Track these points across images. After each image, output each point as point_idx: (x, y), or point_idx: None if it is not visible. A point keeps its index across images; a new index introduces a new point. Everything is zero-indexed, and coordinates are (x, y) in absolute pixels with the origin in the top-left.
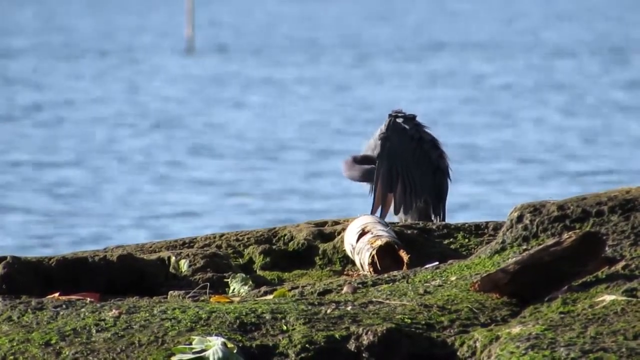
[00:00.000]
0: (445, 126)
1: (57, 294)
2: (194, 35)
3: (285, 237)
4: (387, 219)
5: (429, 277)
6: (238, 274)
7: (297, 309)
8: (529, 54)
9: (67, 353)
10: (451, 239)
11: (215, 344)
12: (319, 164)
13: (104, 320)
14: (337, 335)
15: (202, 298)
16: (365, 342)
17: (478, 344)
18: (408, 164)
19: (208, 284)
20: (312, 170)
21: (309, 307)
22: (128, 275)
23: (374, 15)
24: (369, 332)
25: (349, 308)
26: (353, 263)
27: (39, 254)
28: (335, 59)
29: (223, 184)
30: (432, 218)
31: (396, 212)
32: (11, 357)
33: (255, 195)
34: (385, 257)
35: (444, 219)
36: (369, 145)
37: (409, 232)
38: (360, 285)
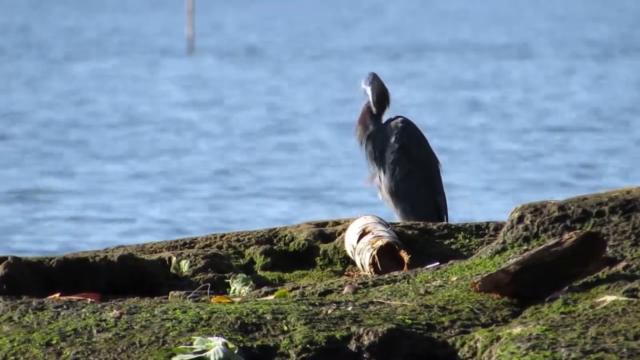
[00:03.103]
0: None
1: (57, 294)
2: (195, 36)
3: (286, 238)
4: (389, 220)
5: (429, 277)
6: (239, 275)
7: (298, 310)
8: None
9: (68, 353)
10: (452, 240)
11: (216, 344)
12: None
13: (104, 320)
14: (338, 336)
15: (203, 298)
16: (366, 343)
17: (479, 345)
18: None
19: (209, 284)
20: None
21: (310, 308)
22: (129, 276)
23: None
24: (370, 333)
25: (349, 308)
26: (354, 263)
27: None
28: (339, 59)
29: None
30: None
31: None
32: (12, 358)
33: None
34: (386, 258)
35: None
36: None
37: (409, 232)
38: (361, 286)
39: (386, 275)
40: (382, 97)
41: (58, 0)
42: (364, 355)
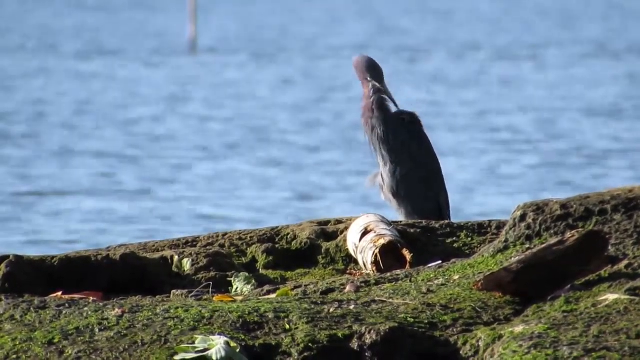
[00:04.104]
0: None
1: (59, 293)
2: (197, 35)
3: (288, 236)
4: (392, 218)
5: (432, 276)
6: (241, 273)
7: (300, 308)
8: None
9: (70, 352)
10: (454, 238)
11: (218, 343)
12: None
13: (106, 319)
14: (340, 334)
15: (205, 297)
16: (368, 341)
17: (481, 343)
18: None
19: (211, 283)
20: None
21: (312, 306)
22: (131, 274)
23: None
24: (372, 331)
25: (351, 307)
26: (356, 262)
27: None
28: (339, 58)
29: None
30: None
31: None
32: (14, 356)
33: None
34: (388, 256)
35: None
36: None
37: (412, 230)
38: (363, 284)
39: (388, 274)
40: (374, 74)
41: None
42: (366, 354)
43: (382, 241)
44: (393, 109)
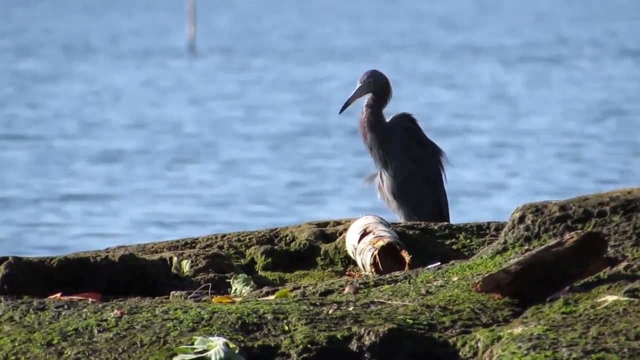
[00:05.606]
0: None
1: (58, 295)
2: (196, 36)
3: (287, 238)
4: (389, 220)
5: (430, 277)
6: (240, 275)
7: (299, 310)
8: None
9: (68, 353)
10: (453, 240)
11: (217, 344)
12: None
13: (105, 320)
14: (339, 336)
15: (204, 298)
16: (367, 343)
17: (480, 344)
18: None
19: (210, 284)
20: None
21: (311, 308)
22: (130, 276)
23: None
24: (371, 333)
25: (350, 308)
26: (355, 263)
27: None
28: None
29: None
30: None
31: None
32: (13, 357)
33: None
34: (387, 258)
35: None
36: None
37: (410, 232)
38: (362, 286)
39: (387, 275)
40: (382, 91)
41: (54, 1)
42: (365, 355)
43: (381, 242)
44: (388, 117)
